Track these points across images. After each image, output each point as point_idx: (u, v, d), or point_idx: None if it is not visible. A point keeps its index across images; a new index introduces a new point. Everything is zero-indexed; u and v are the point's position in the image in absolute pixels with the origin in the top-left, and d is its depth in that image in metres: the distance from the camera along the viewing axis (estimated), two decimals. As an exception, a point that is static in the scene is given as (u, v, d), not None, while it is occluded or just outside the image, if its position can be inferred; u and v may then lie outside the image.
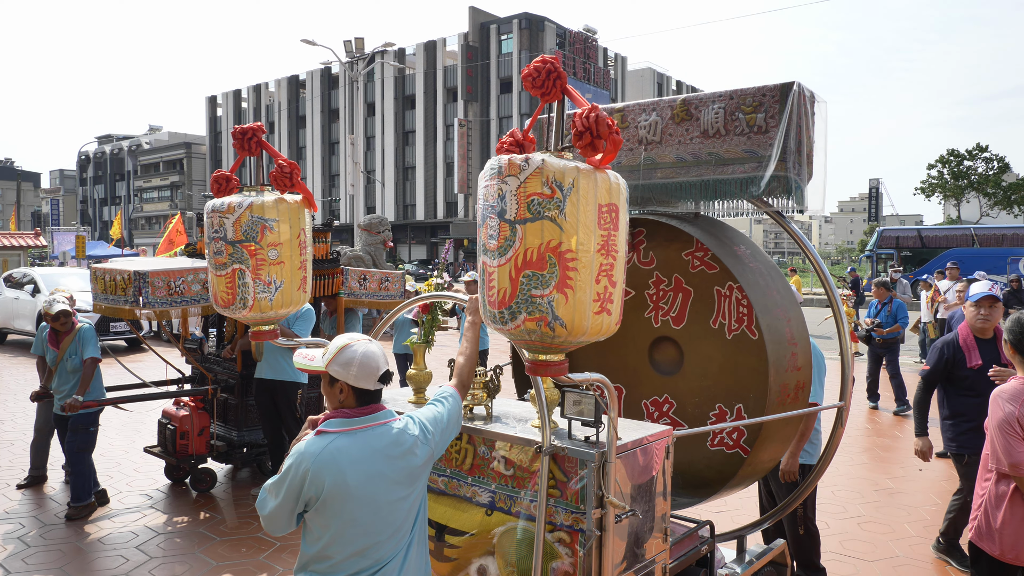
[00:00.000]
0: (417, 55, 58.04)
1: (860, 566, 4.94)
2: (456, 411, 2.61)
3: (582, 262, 2.05)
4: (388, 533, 2.34)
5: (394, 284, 7.32)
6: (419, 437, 2.41)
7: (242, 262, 2.97)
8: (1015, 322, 3.29)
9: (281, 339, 3.27)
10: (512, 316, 2.10)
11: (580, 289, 2.05)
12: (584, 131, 2.03)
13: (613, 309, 2.17)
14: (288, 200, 3.05)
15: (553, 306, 2.05)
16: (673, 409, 4.04)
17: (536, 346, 2.19)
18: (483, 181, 2.16)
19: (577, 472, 2.56)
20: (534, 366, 2.22)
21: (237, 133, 3.11)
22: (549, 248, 2.02)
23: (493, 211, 2.10)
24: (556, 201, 2.02)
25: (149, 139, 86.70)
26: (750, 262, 3.80)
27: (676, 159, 3.73)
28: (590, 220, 2.05)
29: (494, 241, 2.10)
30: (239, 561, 4.94)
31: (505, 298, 2.10)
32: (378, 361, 2.38)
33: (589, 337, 2.16)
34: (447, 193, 56.32)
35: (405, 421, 2.43)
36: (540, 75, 2.16)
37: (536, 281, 2.04)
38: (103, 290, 6.05)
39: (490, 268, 2.14)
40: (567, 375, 2.28)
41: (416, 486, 2.42)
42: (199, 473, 6.33)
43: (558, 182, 2.01)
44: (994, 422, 3.14)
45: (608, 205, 2.09)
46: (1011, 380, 3.23)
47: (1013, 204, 47.14)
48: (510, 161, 2.06)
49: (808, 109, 3.49)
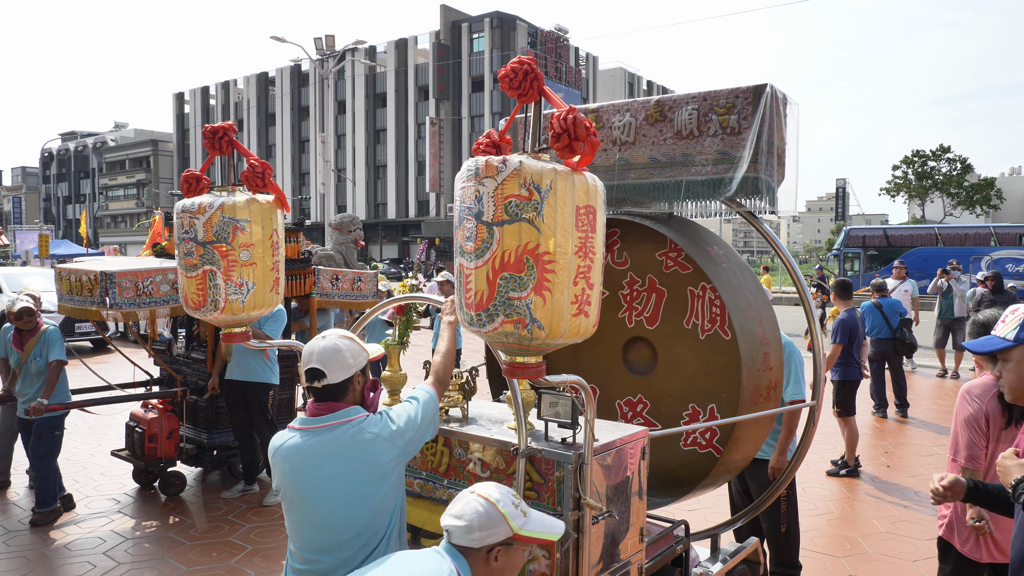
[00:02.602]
0: (388, 53, 57.70)
1: (831, 562, 5.01)
2: (432, 409, 2.57)
3: (560, 264, 2.04)
4: (353, 532, 2.34)
5: (367, 284, 7.28)
6: (384, 436, 2.38)
7: (213, 263, 2.91)
8: (974, 325, 3.35)
9: (253, 341, 3.22)
10: (490, 319, 2.09)
11: (558, 291, 2.05)
12: (562, 133, 2.02)
13: (591, 311, 2.17)
14: (260, 200, 3.00)
15: (531, 308, 2.04)
16: (647, 409, 4.06)
17: (513, 348, 2.18)
18: (460, 183, 2.14)
19: (554, 474, 2.56)
20: (511, 368, 2.21)
21: (208, 132, 3.06)
22: (527, 250, 2.01)
23: (470, 213, 2.09)
24: (534, 203, 2.01)
25: (115, 136, 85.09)
26: (723, 262, 3.83)
27: (650, 160, 3.74)
28: (568, 222, 2.05)
29: (471, 243, 2.09)
30: (209, 566, 4.87)
31: (482, 300, 2.09)
32: (306, 359, 2.42)
33: (567, 339, 2.15)
34: (419, 192, 56.08)
35: (371, 419, 2.41)
36: (517, 76, 2.15)
37: (514, 283, 2.04)
38: (68, 291, 5.92)
39: (467, 270, 2.13)
40: (544, 377, 2.28)
41: (382, 485, 2.38)
42: (168, 477, 6.23)
43: (536, 184, 2.01)
44: (961, 417, 3.19)
45: (586, 207, 2.09)
46: (981, 376, 3.28)
47: (975, 204, 48.16)
48: (487, 163, 2.05)
49: (780, 111, 3.53)
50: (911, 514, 5.91)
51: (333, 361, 2.40)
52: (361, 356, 2.49)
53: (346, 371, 2.42)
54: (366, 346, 2.58)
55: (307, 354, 2.44)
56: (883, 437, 8.41)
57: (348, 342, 2.47)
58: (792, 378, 4.32)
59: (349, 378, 2.43)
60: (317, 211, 54.81)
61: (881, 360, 9.47)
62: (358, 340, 2.54)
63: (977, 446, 3.12)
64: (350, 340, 2.49)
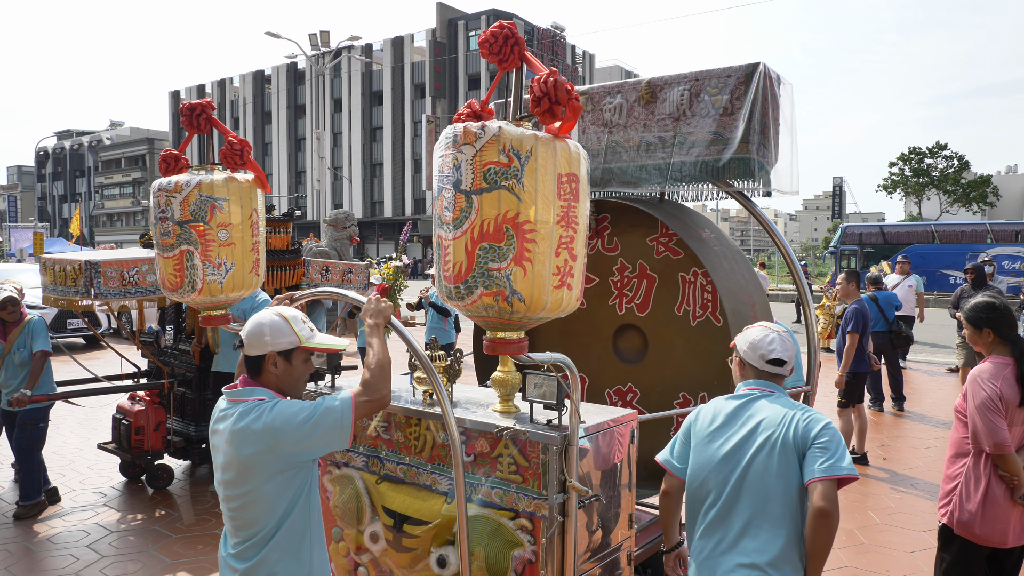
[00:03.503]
0: (384, 51, 57.59)
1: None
2: (332, 419, 2.20)
3: (541, 234, 1.97)
4: (240, 523, 2.26)
5: (357, 276, 7.20)
6: (253, 428, 2.18)
7: (190, 243, 2.85)
8: (985, 307, 3.30)
9: (233, 324, 3.15)
10: (468, 291, 2.02)
11: (539, 262, 1.98)
12: (542, 96, 1.95)
13: (574, 284, 2.10)
14: (239, 179, 2.94)
15: (511, 280, 1.97)
16: (637, 398, 3.99)
17: (494, 323, 2.11)
18: (438, 151, 2.07)
19: (539, 456, 2.48)
20: (492, 344, 2.14)
21: (185, 110, 2.99)
22: (506, 219, 1.95)
23: (448, 182, 2.02)
24: (513, 170, 1.94)
25: (110, 134, 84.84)
26: (715, 245, 3.77)
27: (641, 142, 3.67)
28: (549, 190, 1.98)
29: (449, 213, 2.02)
30: (195, 558, 4.79)
31: (461, 272, 2.02)
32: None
33: (549, 313, 2.08)
34: (415, 190, 55.99)
35: (258, 407, 2.22)
36: (497, 41, 2.08)
37: (493, 254, 1.97)
38: (52, 281, 5.84)
39: (445, 241, 2.06)
40: (527, 354, 2.20)
41: (254, 478, 2.20)
42: (155, 470, 6.15)
43: (515, 150, 1.94)
44: (976, 403, 3.13)
45: (568, 175, 2.02)
46: (984, 362, 3.25)
47: (972, 201, 48.16)
48: (465, 129, 1.98)
49: (774, 91, 3.46)
50: (907, 506, 5.85)
51: (253, 334, 2.27)
52: (284, 338, 2.28)
53: (260, 348, 2.27)
54: (314, 334, 2.36)
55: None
56: (880, 430, 8.35)
57: (277, 320, 2.29)
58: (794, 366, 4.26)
59: (262, 356, 2.28)
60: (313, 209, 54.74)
61: (877, 353, 9.39)
62: (296, 322, 2.32)
63: (1002, 428, 3.07)
64: (281, 319, 2.30)
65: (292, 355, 2.31)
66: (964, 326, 3.40)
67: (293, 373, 2.33)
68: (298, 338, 2.30)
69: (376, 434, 2.96)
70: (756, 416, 2.42)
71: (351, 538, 3.03)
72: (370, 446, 2.99)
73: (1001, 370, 3.15)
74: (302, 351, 2.33)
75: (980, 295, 3.48)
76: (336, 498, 3.07)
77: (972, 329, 3.34)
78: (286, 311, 2.34)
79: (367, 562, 3.00)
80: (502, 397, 2.73)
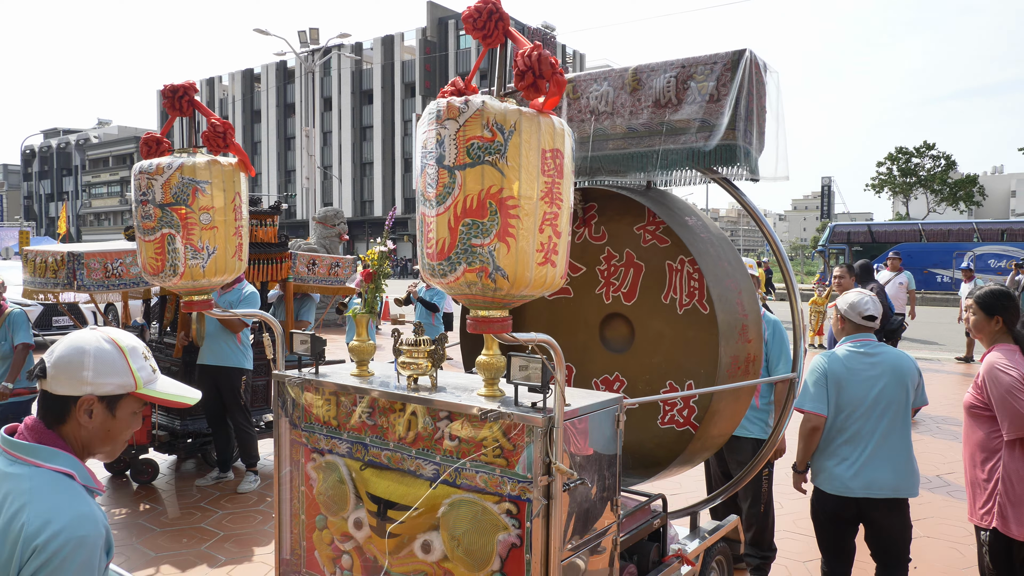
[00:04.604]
0: (375, 49, 57.49)
1: (809, 543, 4.94)
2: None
3: (524, 210, 1.95)
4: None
5: (344, 269, 7.16)
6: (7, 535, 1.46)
7: (172, 226, 2.81)
8: (1003, 294, 3.27)
9: (216, 311, 3.11)
10: (451, 268, 2.00)
11: (523, 238, 1.96)
12: (526, 70, 1.93)
13: (558, 261, 2.08)
14: (222, 162, 2.90)
15: (494, 256, 1.95)
16: (623, 387, 3.98)
17: (478, 301, 2.09)
18: (421, 128, 2.05)
19: (523, 440, 2.46)
20: (475, 323, 2.12)
21: (168, 92, 2.95)
22: (490, 195, 1.93)
23: (431, 158, 2.00)
24: (497, 145, 1.92)
25: (98, 133, 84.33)
26: (701, 232, 3.76)
27: (628, 129, 3.65)
28: (533, 165, 1.96)
29: (432, 189, 2.00)
30: (179, 551, 4.75)
31: (444, 248, 1.99)
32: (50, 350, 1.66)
33: (532, 290, 2.06)
34: (405, 189, 55.92)
35: (15, 495, 1.50)
36: (481, 16, 2.05)
37: (476, 230, 1.95)
38: (33, 273, 5.78)
39: (428, 218, 2.04)
40: (511, 333, 2.18)
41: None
42: (140, 464, 6.09)
43: (499, 124, 1.92)
44: (1002, 390, 3.05)
45: (552, 151, 2.00)
46: (992, 352, 3.21)
47: (958, 200, 48.50)
48: (448, 104, 1.96)
49: (760, 78, 3.45)
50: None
51: (66, 362, 1.57)
52: (112, 377, 1.59)
53: (72, 385, 1.56)
54: (156, 377, 1.69)
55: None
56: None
57: (107, 349, 1.61)
58: (783, 357, 4.26)
59: (73, 398, 1.57)
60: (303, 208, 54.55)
61: None
62: (135, 355, 1.64)
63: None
64: (114, 348, 1.62)
65: (119, 404, 1.62)
66: (972, 311, 3.33)
67: (112, 428, 1.63)
68: (134, 380, 1.62)
69: (361, 420, 2.93)
70: (880, 358, 3.51)
71: (335, 526, 3.00)
72: (354, 432, 2.96)
73: (1012, 355, 3.11)
74: (134, 400, 1.64)
75: (989, 284, 3.45)
76: (320, 485, 3.04)
77: (982, 315, 3.28)
78: (122, 338, 1.66)
79: (351, 549, 2.97)
80: (487, 381, 2.70)
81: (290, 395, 3.13)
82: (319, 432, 3.06)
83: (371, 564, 2.89)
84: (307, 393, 3.08)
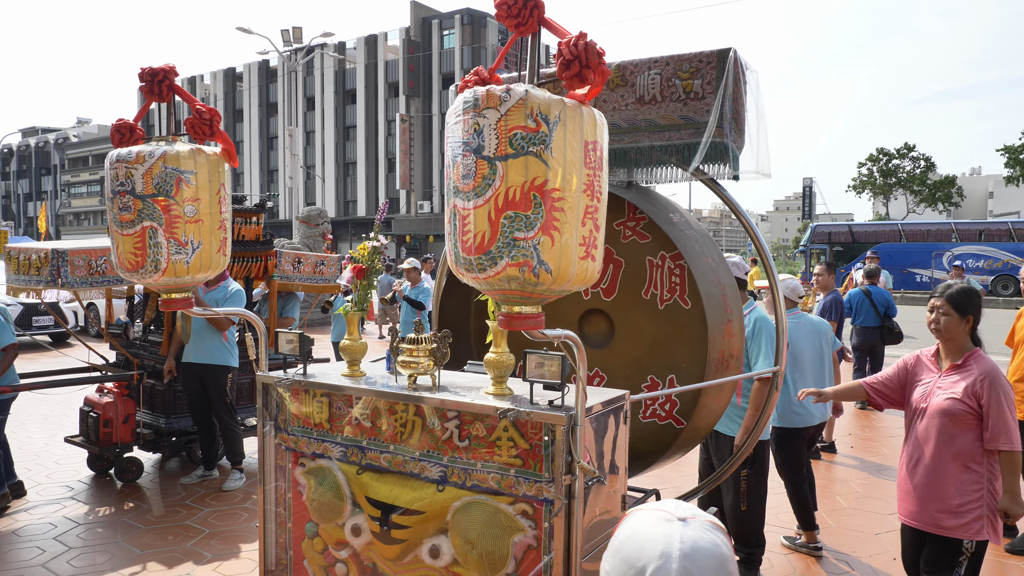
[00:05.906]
0: (358, 49, 57.20)
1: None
2: None
3: (568, 203, 1.91)
4: None
5: (329, 268, 7.15)
6: None
7: (153, 219, 2.64)
8: (976, 294, 3.22)
9: (196, 308, 3.00)
10: (492, 262, 1.93)
11: (567, 231, 1.91)
12: (572, 60, 1.87)
13: (597, 255, 2.04)
14: (207, 151, 2.77)
15: (539, 250, 1.89)
16: (604, 383, 4.00)
17: (514, 296, 2.02)
18: (453, 118, 2.00)
19: (541, 438, 2.38)
20: (508, 319, 2.03)
21: (146, 75, 2.79)
22: (534, 186, 1.87)
23: (468, 148, 1.93)
24: (542, 135, 1.87)
25: (77, 132, 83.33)
26: (685, 228, 3.80)
27: (611, 125, 3.69)
28: (576, 157, 1.92)
29: (469, 181, 1.93)
30: (164, 549, 4.74)
31: (483, 242, 1.92)
32: None
33: (573, 285, 2.00)
34: (389, 189, 55.67)
35: None
36: (517, 3, 1.96)
37: (520, 223, 1.89)
38: (16, 270, 5.73)
39: (464, 211, 1.96)
40: (542, 331, 2.09)
41: None
42: (124, 463, 6.06)
43: (543, 115, 1.87)
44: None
45: (593, 143, 1.97)
46: (990, 360, 3.14)
47: (938, 201, 48.99)
48: (488, 92, 1.89)
49: (742, 77, 3.50)
50: (874, 491, 5.95)
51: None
52: None
53: None
54: None
55: None
56: (851, 420, 8.48)
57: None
58: (763, 353, 4.30)
59: None
60: (286, 208, 54.24)
61: (867, 348, 9.40)
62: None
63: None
64: None
65: None
66: (942, 311, 3.18)
67: None
68: None
69: (356, 423, 2.82)
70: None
71: (328, 533, 2.88)
72: (348, 435, 2.83)
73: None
74: None
75: (959, 282, 3.31)
76: (311, 491, 2.90)
77: (955, 316, 3.15)
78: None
79: (347, 557, 2.85)
80: (495, 379, 2.61)
81: (276, 397, 3.00)
82: (309, 436, 2.92)
83: (370, 572, 2.79)
84: (295, 395, 2.95)
